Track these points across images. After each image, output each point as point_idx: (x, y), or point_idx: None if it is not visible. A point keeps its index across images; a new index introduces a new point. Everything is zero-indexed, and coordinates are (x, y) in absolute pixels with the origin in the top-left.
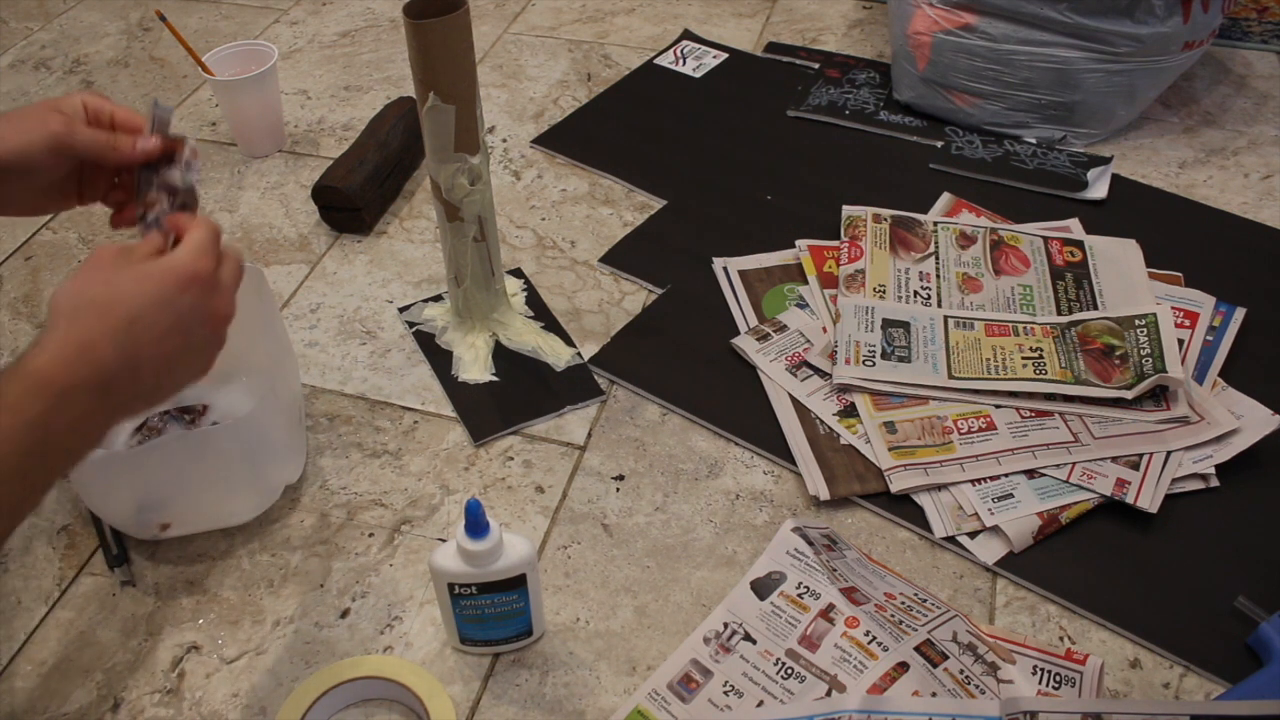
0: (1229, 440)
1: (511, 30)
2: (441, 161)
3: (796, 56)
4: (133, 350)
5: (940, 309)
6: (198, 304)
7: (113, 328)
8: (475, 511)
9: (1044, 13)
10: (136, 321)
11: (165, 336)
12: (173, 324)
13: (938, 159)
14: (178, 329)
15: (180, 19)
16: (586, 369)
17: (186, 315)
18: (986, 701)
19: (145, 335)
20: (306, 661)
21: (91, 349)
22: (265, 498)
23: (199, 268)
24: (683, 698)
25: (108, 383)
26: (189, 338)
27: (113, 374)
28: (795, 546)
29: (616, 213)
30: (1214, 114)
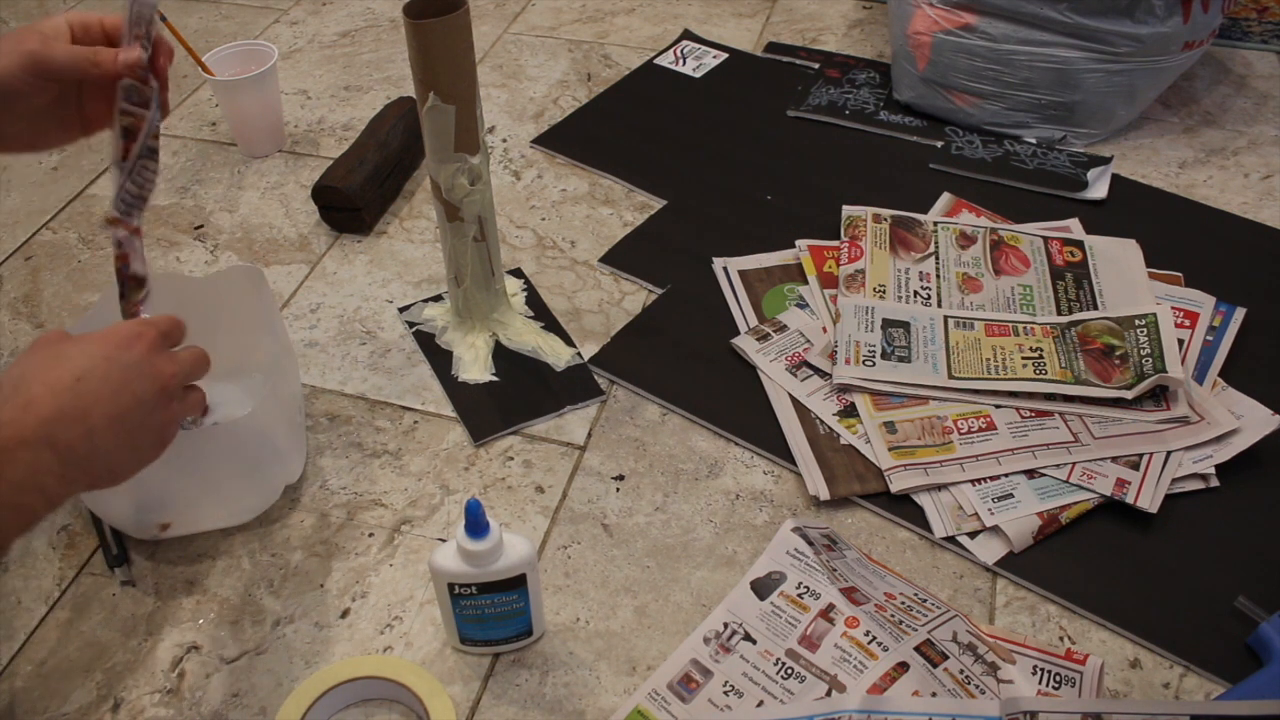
0: (1229, 440)
1: (511, 30)
2: (441, 161)
3: (796, 56)
4: (80, 405)
5: (940, 309)
6: (142, 360)
7: (55, 387)
8: (475, 511)
9: (1044, 13)
10: (82, 379)
11: (116, 393)
12: (119, 380)
13: (938, 159)
14: (125, 386)
15: (180, 19)
16: (586, 369)
17: (132, 370)
18: (986, 701)
19: (93, 390)
20: (306, 661)
21: (32, 405)
22: (265, 498)
23: (142, 330)
24: (683, 698)
25: (52, 436)
26: (139, 396)
27: (57, 428)
28: (795, 546)
29: (616, 213)
30: (1214, 114)
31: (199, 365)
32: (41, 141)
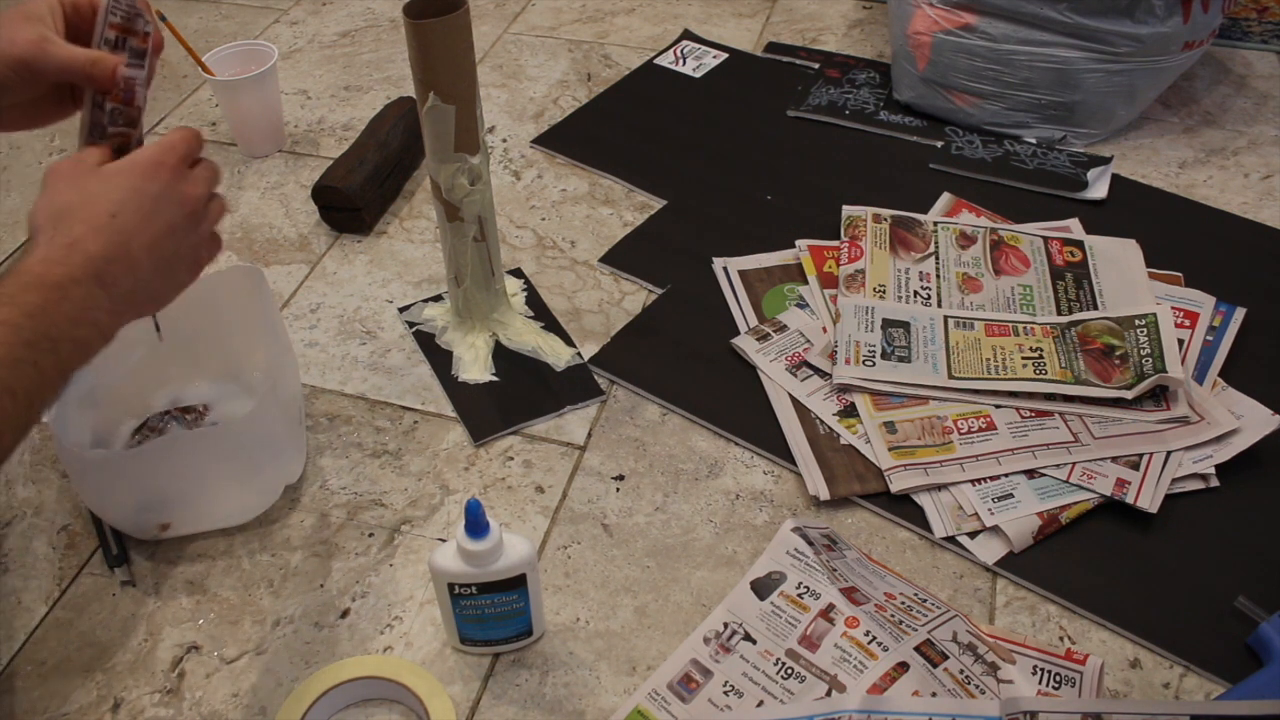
0: (1229, 440)
1: (511, 30)
2: (441, 161)
3: (796, 56)
4: (120, 240)
5: (940, 309)
6: (168, 189)
7: (95, 224)
8: (475, 511)
9: (1044, 13)
10: (117, 214)
11: (148, 222)
12: (150, 209)
13: (938, 159)
14: (157, 214)
15: (180, 19)
16: (586, 369)
17: (160, 199)
18: (986, 701)
19: (129, 224)
20: (306, 661)
21: (78, 244)
22: (265, 498)
23: (162, 158)
24: (683, 698)
25: (100, 272)
26: (171, 223)
27: (104, 264)
28: (795, 546)
29: (616, 213)
30: (1214, 114)
31: (216, 176)
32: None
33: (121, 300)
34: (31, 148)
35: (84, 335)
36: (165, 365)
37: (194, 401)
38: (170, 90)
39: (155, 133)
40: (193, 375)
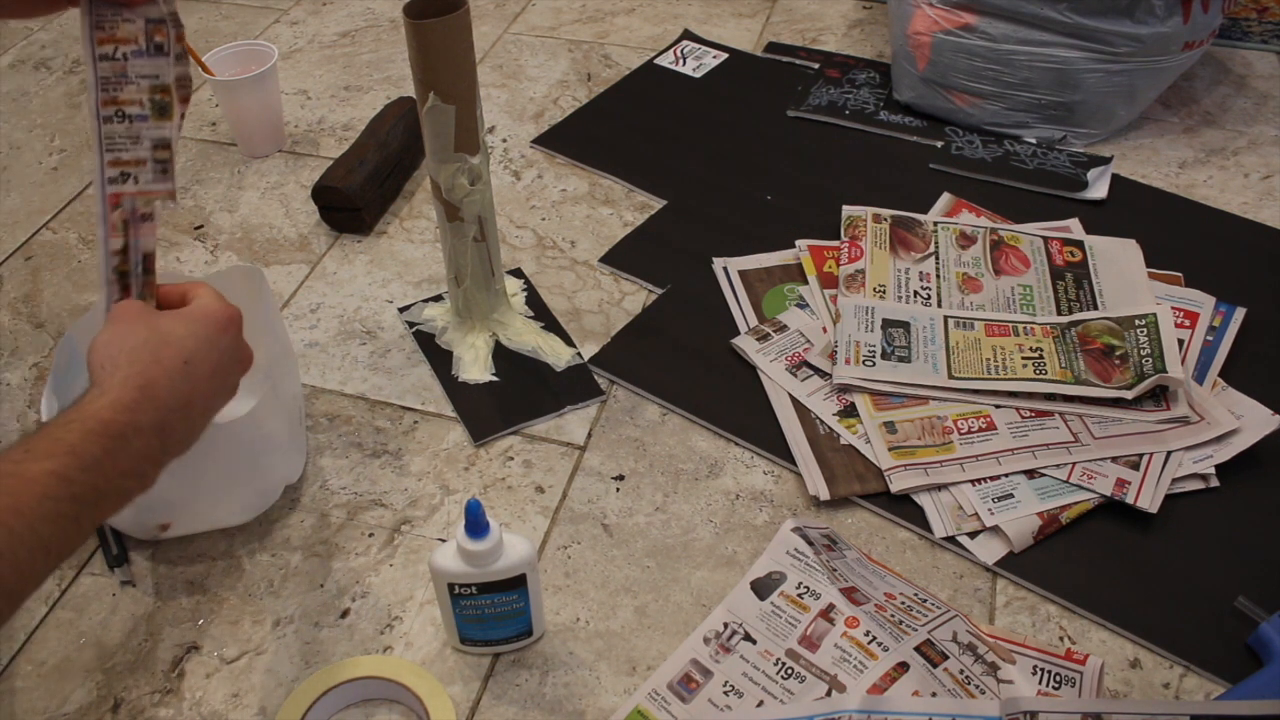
0: (1229, 440)
1: (511, 30)
2: (441, 161)
3: (796, 56)
4: (187, 390)
5: (940, 309)
6: (234, 345)
7: (169, 369)
8: (475, 511)
9: (1044, 13)
10: (190, 362)
11: (213, 376)
12: (217, 363)
13: (938, 159)
14: (221, 369)
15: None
16: (586, 369)
17: (226, 355)
18: (986, 701)
19: (197, 374)
20: (306, 661)
21: (152, 389)
22: (265, 498)
23: (231, 312)
24: (683, 698)
25: (164, 423)
26: (227, 379)
27: (169, 413)
28: (795, 546)
29: (616, 213)
30: (1214, 114)
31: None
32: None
33: (170, 451)
34: (31, 147)
35: (130, 487)
36: None
37: None
38: None
39: None
40: None
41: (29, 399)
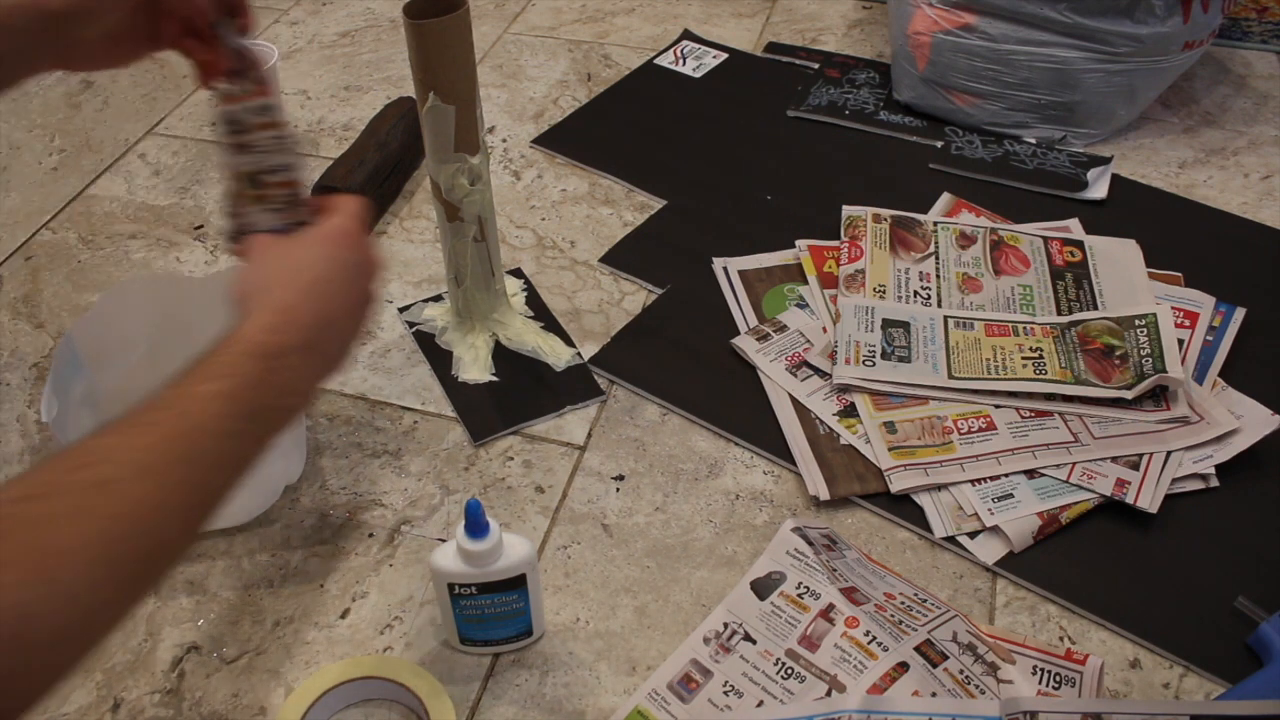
0: (1229, 440)
1: (511, 30)
2: (441, 161)
3: (796, 56)
4: (324, 307)
5: (940, 309)
6: (361, 255)
7: (304, 291)
8: (475, 511)
9: (1044, 13)
10: (320, 280)
11: (346, 290)
12: (348, 277)
13: (938, 159)
14: (353, 281)
15: None
16: (586, 369)
17: (353, 268)
18: (986, 701)
19: (331, 291)
20: (306, 661)
21: (293, 312)
22: (265, 498)
23: (351, 226)
24: (683, 698)
25: (312, 340)
26: (362, 288)
27: (315, 331)
28: (795, 546)
29: (616, 213)
30: (1214, 114)
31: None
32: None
33: (324, 366)
34: (31, 148)
35: (292, 404)
36: (165, 365)
37: None
38: (170, 90)
39: (155, 132)
40: None
41: (29, 399)
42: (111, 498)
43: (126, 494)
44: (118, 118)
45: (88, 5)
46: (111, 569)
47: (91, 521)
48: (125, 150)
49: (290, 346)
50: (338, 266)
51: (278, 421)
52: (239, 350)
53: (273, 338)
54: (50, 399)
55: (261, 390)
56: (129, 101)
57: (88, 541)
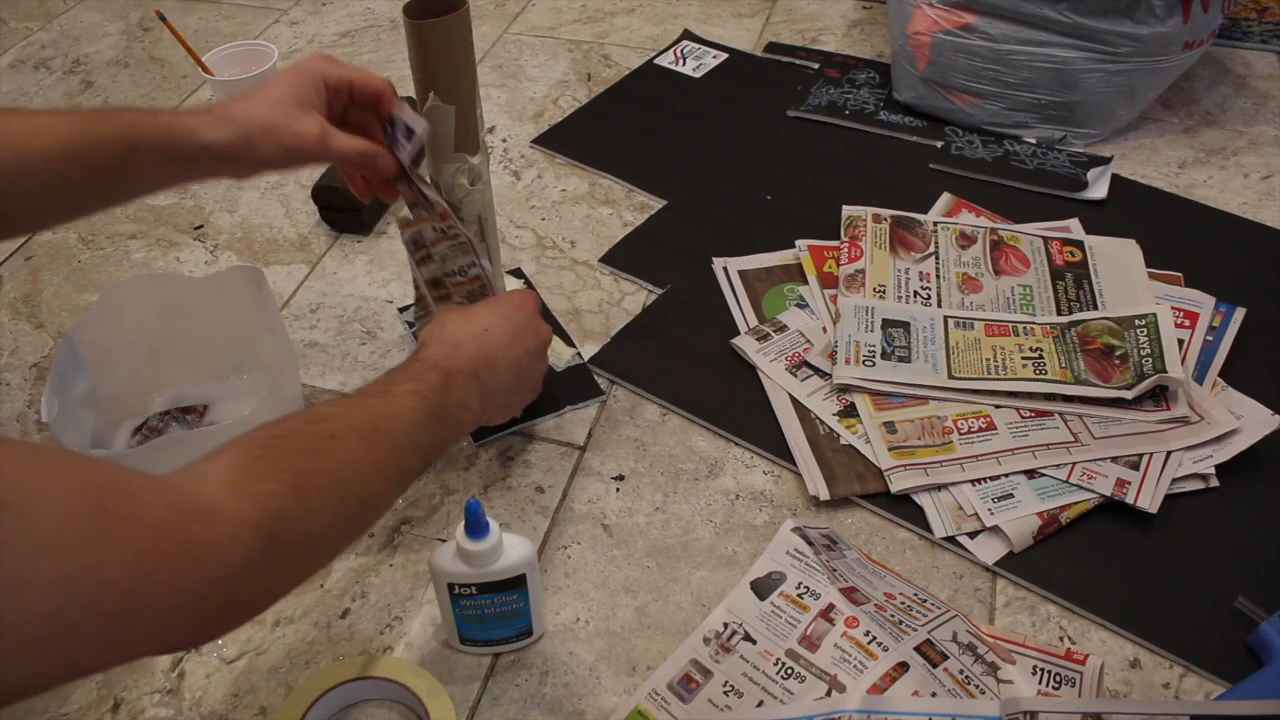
0: (1229, 440)
1: (511, 30)
2: (441, 161)
3: (796, 56)
4: (489, 349)
5: (940, 309)
6: (529, 321)
7: (473, 333)
8: (475, 511)
9: (1044, 13)
10: (489, 329)
11: (513, 341)
12: (514, 332)
13: (938, 159)
14: (519, 338)
15: (180, 19)
16: (586, 369)
17: (522, 328)
18: (986, 701)
19: (498, 338)
20: (307, 661)
21: (460, 347)
22: None
23: (527, 298)
24: (683, 698)
25: (476, 370)
26: (529, 348)
27: (478, 364)
28: (795, 546)
29: (616, 213)
30: (1214, 114)
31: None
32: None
33: (487, 397)
34: None
35: (462, 417)
36: (165, 365)
37: (194, 401)
38: (170, 90)
39: None
40: (193, 375)
41: (29, 399)
42: (338, 447)
43: (348, 448)
44: None
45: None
46: (338, 500)
47: (325, 460)
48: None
49: (459, 370)
50: (503, 320)
51: (454, 426)
52: (424, 365)
53: (445, 361)
54: (50, 399)
55: (441, 395)
56: (129, 101)
57: (322, 473)
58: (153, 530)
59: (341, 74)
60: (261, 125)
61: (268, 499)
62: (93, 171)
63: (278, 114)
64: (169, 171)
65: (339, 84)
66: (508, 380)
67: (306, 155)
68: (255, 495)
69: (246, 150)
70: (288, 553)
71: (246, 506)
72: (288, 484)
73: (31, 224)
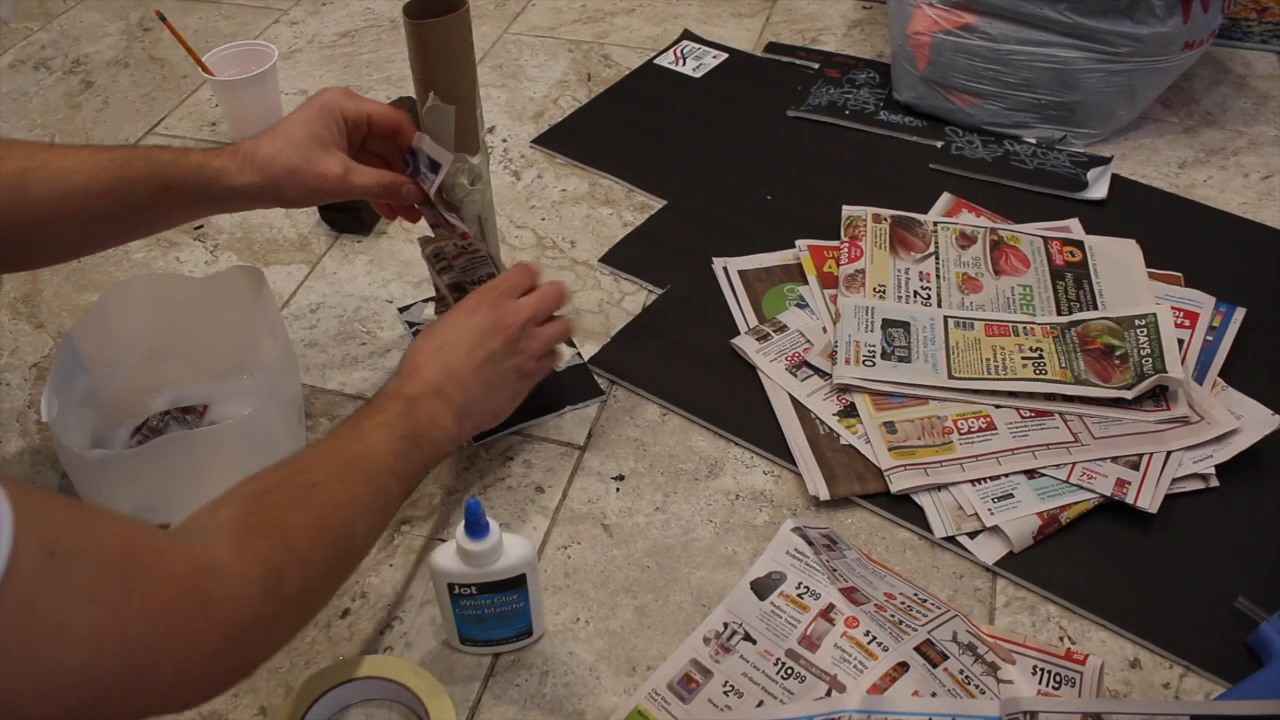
0: (1229, 440)
1: (511, 30)
2: None
3: (796, 56)
4: (448, 364)
5: (940, 309)
6: (486, 322)
7: (429, 353)
8: (475, 511)
9: (1044, 13)
10: (443, 346)
11: (471, 350)
12: (473, 340)
13: (938, 159)
14: (477, 344)
15: (180, 19)
16: (586, 369)
17: (480, 332)
18: (986, 701)
19: (452, 352)
20: (307, 661)
21: (419, 370)
22: None
23: (484, 296)
24: (683, 698)
25: (437, 389)
26: (490, 350)
27: (438, 383)
28: (795, 546)
29: (616, 213)
30: (1214, 114)
31: (545, 302)
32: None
33: (460, 410)
34: None
35: (437, 436)
36: (165, 365)
37: (194, 401)
38: (170, 90)
39: (154, 132)
40: (193, 375)
41: (29, 399)
42: (321, 495)
43: (330, 494)
44: (118, 118)
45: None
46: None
47: (312, 509)
48: None
49: (419, 394)
50: (457, 332)
51: (430, 447)
52: (386, 397)
53: (405, 388)
54: (50, 399)
55: (408, 420)
56: (129, 101)
57: (311, 521)
58: (175, 586)
59: (360, 110)
60: (286, 168)
61: (267, 554)
62: (127, 207)
63: (300, 157)
64: (198, 209)
65: (357, 119)
66: (478, 388)
67: (330, 194)
68: (255, 552)
69: (273, 192)
70: (288, 603)
71: (249, 563)
72: (281, 539)
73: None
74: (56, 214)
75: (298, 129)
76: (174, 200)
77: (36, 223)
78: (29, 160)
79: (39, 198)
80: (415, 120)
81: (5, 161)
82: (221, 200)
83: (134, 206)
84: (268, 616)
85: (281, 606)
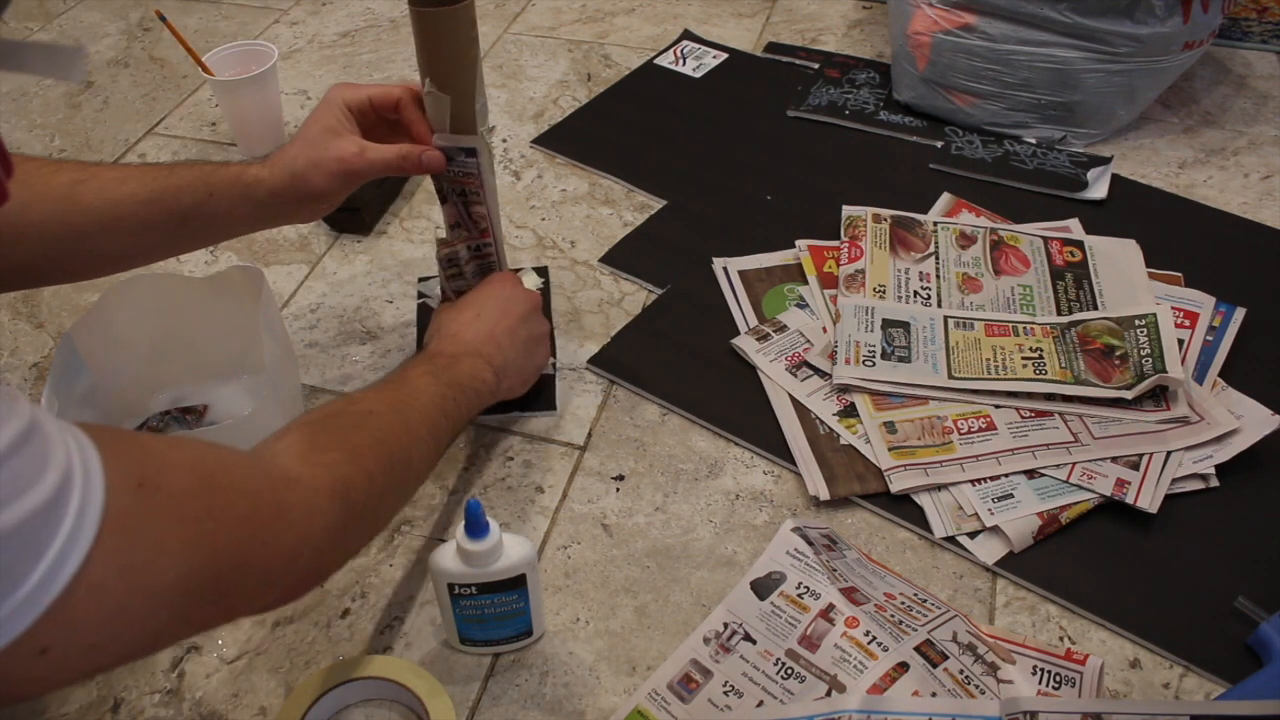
0: (1229, 440)
1: (511, 30)
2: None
3: (796, 56)
4: (487, 328)
5: (940, 309)
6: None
7: (466, 321)
8: (475, 511)
9: (1044, 13)
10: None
11: (503, 315)
12: (503, 306)
13: (938, 159)
14: (508, 309)
15: (180, 19)
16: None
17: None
18: (986, 701)
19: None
20: (307, 661)
21: (459, 335)
22: None
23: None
24: (683, 698)
25: (478, 350)
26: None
27: (479, 344)
28: (795, 546)
29: (616, 213)
30: (1214, 114)
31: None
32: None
33: (499, 370)
34: (31, 148)
35: (478, 387)
36: (165, 365)
37: (194, 401)
38: (170, 90)
39: (154, 133)
40: (193, 375)
41: (29, 399)
42: (378, 422)
43: (386, 421)
44: (118, 118)
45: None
46: (388, 466)
47: (372, 432)
48: (125, 150)
49: (462, 353)
50: (490, 301)
51: (473, 396)
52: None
53: (448, 347)
54: (50, 399)
55: (450, 373)
56: (129, 101)
57: (373, 442)
58: (250, 498)
59: (358, 94)
60: (309, 161)
61: (335, 467)
62: (173, 214)
63: (318, 150)
64: (242, 215)
65: (360, 104)
66: (513, 350)
67: (353, 173)
68: (324, 464)
69: (303, 185)
70: (356, 515)
71: (320, 474)
72: (347, 454)
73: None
74: (106, 222)
75: (311, 129)
76: (219, 206)
77: (85, 233)
78: (80, 173)
79: (89, 206)
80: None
81: (58, 174)
82: (261, 205)
83: (180, 214)
84: (338, 524)
85: (350, 516)
